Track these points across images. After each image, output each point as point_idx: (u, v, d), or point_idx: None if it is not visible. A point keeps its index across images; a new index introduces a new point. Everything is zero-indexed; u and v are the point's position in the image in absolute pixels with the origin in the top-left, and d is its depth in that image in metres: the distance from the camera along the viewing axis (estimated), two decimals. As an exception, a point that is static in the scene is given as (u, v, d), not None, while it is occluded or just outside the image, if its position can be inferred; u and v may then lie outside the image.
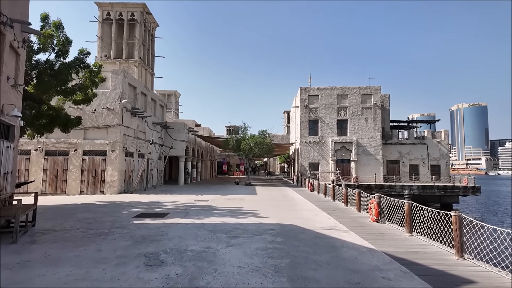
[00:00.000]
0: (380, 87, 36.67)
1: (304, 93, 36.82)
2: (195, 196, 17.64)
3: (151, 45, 31.66)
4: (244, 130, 29.53)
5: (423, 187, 32.78)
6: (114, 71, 19.14)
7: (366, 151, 35.93)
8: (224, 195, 18.53)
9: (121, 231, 7.97)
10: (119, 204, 13.69)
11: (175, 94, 63.97)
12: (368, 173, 35.43)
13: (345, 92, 36.63)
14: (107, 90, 18.98)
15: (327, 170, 35.74)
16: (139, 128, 21.49)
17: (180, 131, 27.65)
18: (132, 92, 21.12)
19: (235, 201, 15.19)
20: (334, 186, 16.39)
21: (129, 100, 20.53)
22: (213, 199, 16.16)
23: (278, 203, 14.92)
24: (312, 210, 12.65)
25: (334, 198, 16.17)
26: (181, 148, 27.54)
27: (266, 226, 9.00)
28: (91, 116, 18.73)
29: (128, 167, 20.05)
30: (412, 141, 38.10)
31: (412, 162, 37.98)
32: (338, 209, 13.09)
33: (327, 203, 15.18)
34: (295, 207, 13.55)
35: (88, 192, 18.30)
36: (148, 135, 23.13)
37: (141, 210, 11.75)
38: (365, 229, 8.85)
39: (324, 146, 36.18)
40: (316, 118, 36.47)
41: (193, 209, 12.29)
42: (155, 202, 14.61)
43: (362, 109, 36.35)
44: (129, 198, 16.24)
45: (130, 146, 20.09)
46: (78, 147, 18.52)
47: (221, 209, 12.44)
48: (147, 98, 23.58)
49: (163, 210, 11.81)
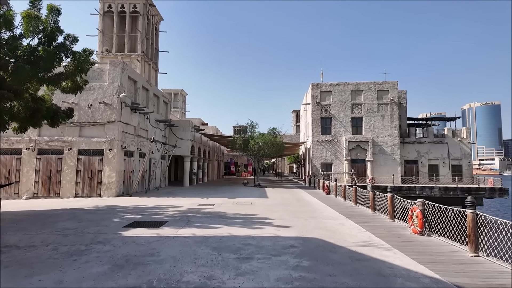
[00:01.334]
0: (397, 82, 34.49)
1: (315, 89, 34.86)
2: (200, 199, 15.92)
3: (155, 39, 30.15)
4: (252, 128, 27.72)
5: (445, 189, 30.54)
6: (112, 62, 17.57)
7: (383, 150, 33.78)
8: (231, 198, 16.77)
9: (101, 249, 6.24)
10: (113, 209, 12.03)
11: (182, 93, 62.57)
12: (385, 174, 33.27)
13: (359, 88, 34.53)
14: (104, 84, 17.41)
15: (340, 171, 33.69)
16: (140, 125, 19.88)
17: (185, 129, 26.02)
18: (132, 86, 19.53)
19: (244, 206, 13.40)
20: (356, 188, 14.47)
21: (129, 95, 18.94)
22: (220, 203, 14.41)
23: (293, 208, 13.07)
24: (335, 217, 10.77)
25: (356, 202, 14.26)
26: (186, 147, 25.90)
27: (285, 240, 7.18)
28: (87, 112, 17.18)
29: (128, 167, 18.45)
30: (432, 139, 35.77)
31: (432, 162, 35.65)
32: (366, 216, 11.19)
33: (349, 208, 13.28)
34: (314, 213, 11.68)
35: (84, 194, 16.74)
36: (151, 133, 21.52)
37: (136, 217, 10.05)
38: (411, 246, 6.96)
39: (337, 145, 34.14)
40: (328, 116, 34.47)
41: (196, 216, 10.54)
42: (154, 206, 12.92)
43: (378, 106, 34.22)
44: (127, 201, 14.60)
45: (129, 145, 18.49)
46: (73, 146, 16.98)
47: (228, 216, 10.66)
48: (149, 93, 21.98)
49: (161, 217, 10.08)
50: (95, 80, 17.62)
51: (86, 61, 10.25)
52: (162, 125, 24.15)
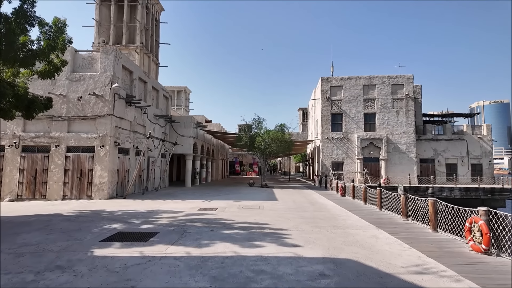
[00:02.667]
0: (412, 76, 32.35)
1: (325, 84, 32.86)
2: (201, 202, 14.10)
3: (155, 30, 28.41)
4: (258, 125, 25.84)
5: (466, 190, 28.39)
6: (104, 49, 15.82)
7: (398, 148, 31.68)
8: (237, 200, 14.93)
9: (55, 280, 4.44)
10: (98, 214, 10.27)
11: (185, 91, 60.97)
12: (400, 173, 31.18)
13: (372, 81, 32.45)
14: (96, 73, 15.68)
15: (352, 170, 31.68)
16: (136, 120, 18.14)
17: (187, 126, 24.25)
18: (127, 77, 17.78)
19: (251, 211, 11.55)
20: (381, 191, 12.54)
21: (124, 87, 17.19)
22: (223, 207, 12.58)
23: (309, 214, 11.19)
24: (363, 227, 8.87)
25: (381, 206, 12.33)
26: (188, 145, 24.13)
27: (310, 264, 5.31)
28: (76, 105, 15.46)
29: (122, 166, 16.71)
30: (449, 137, 33.58)
31: (449, 160, 33.47)
32: (398, 225, 9.27)
33: (374, 214, 11.37)
34: (336, 221, 9.79)
35: (73, 196, 15.03)
36: (149, 129, 19.78)
37: (122, 227, 8.26)
38: (483, 273, 5.05)
39: (349, 143, 32.12)
40: (339, 112, 32.45)
41: (194, 225, 8.72)
42: (148, 211, 11.14)
43: (392, 101, 32.12)
44: (118, 205, 12.85)
45: (124, 141, 16.75)
46: (60, 142, 15.28)
47: (233, 225, 8.82)
48: (147, 86, 20.22)
49: (152, 227, 8.28)
50: (86, 70, 15.91)
51: (60, 31, 8.43)
52: (162, 121, 22.41)
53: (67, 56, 15.45)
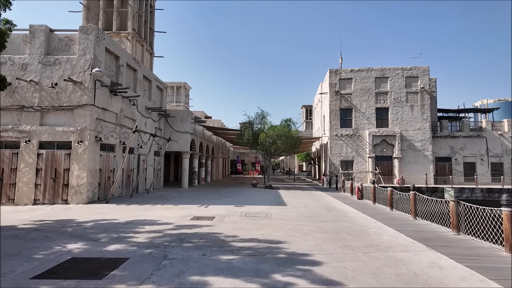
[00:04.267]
0: (428, 68, 29.93)
1: (334, 76, 30.48)
2: (196, 208, 11.83)
3: (150, 17, 26.13)
4: (262, 120, 23.52)
5: (488, 191, 26.02)
6: (83, 28, 13.52)
7: (412, 145, 29.31)
8: (239, 205, 12.64)
9: None
10: (61, 227, 8.01)
11: (185, 87, 58.69)
12: (415, 173, 28.83)
13: (385, 74, 30.06)
14: (73, 56, 13.40)
15: (363, 169, 29.33)
16: (124, 112, 15.87)
17: (184, 121, 21.98)
18: (112, 62, 15.49)
19: (257, 221, 9.26)
20: (416, 195, 10.24)
21: (108, 73, 14.93)
22: (223, 214, 10.30)
23: (330, 225, 8.89)
24: (410, 247, 6.55)
25: (415, 214, 10.04)
26: (184, 142, 21.87)
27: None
28: (50, 93, 13.19)
29: (106, 165, 14.45)
30: (467, 133, 31.15)
31: (467, 159, 31.06)
32: (452, 242, 6.95)
33: (410, 225, 9.06)
34: (368, 237, 7.48)
35: (46, 201, 12.79)
36: (140, 123, 17.53)
37: (79, 249, 6.00)
38: None
39: (359, 140, 29.76)
40: (349, 106, 30.08)
41: (181, 246, 6.44)
42: (126, 223, 8.88)
43: (406, 95, 29.73)
44: (95, 212, 10.59)
45: (108, 136, 14.49)
46: (32, 137, 13.03)
47: (235, 245, 6.53)
48: (138, 75, 17.93)
49: (121, 249, 6.01)
50: (62, 53, 13.64)
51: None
52: (155, 115, 20.14)
53: (39, 35, 13.22)
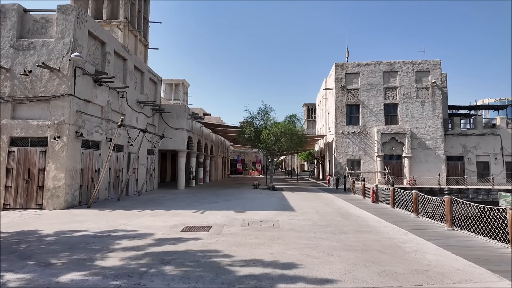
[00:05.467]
0: (439, 62, 28.25)
1: (340, 71, 28.77)
2: (190, 214, 10.14)
3: (144, 7, 24.43)
4: (265, 116, 21.82)
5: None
6: (61, 8, 11.79)
7: (423, 144, 27.63)
8: (240, 211, 10.96)
9: None
10: (15, 241, 6.32)
11: (183, 84, 57.02)
12: (426, 173, 27.16)
13: (394, 68, 28.36)
14: (50, 40, 11.70)
15: (371, 169, 27.64)
16: (111, 105, 14.18)
17: (180, 117, 20.28)
18: (97, 49, 13.78)
19: (262, 234, 7.57)
20: (452, 200, 8.55)
21: (92, 60, 13.23)
22: (220, 223, 8.61)
23: (353, 239, 7.19)
24: (473, 275, 4.86)
25: (451, 224, 8.35)
26: (180, 139, 20.17)
27: None
28: (23, 82, 11.50)
29: (89, 164, 12.76)
30: (481, 131, 29.43)
31: (481, 158, 29.34)
32: (526, 267, 5.26)
33: (451, 238, 7.37)
34: (408, 256, 5.79)
35: (18, 205, 11.10)
36: (130, 119, 15.84)
37: (21, 279, 4.31)
38: None
39: (367, 138, 28.07)
40: (356, 103, 28.38)
41: (163, 274, 4.74)
42: (101, 235, 7.19)
43: (416, 90, 28.03)
44: (69, 220, 8.91)
45: (92, 132, 12.80)
46: (1, 132, 11.34)
47: (234, 272, 4.83)
48: (128, 64, 16.23)
49: (77, 280, 4.32)
50: (38, 35, 11.94)
51: None
52: (148, 110, 18.45)
53: (11, 16, 11.52)
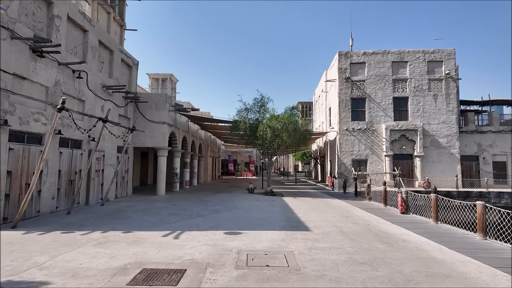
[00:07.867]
0: (454, 51, 25.46)
1: (344, 60, 25.74)
2: (157, 240, 6.79)
3: (120, -19, 20.85)
4: (261, 107, 18.56)
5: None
6: None
7: (436, 142, 24.79)
8: (232, 233, 7.67)
9: None
10: None
11: (171, 79, 53.01)
12: (439, 174, 24.33)
13: (403, 58, 25.46)
14: (-39, -13, 8.21)
15: (379, 170, 24.66)
16: (61, 87, 10.72)
17: (160, 108, 16.88)
18: (40, 9, 10.28)
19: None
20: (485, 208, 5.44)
21: (31, 24, 9.76)
22: (202, 262, 5.29)
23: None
24: None
25: None
26: (161, 135, 16.77)
27: None
28: None
29: (22, 165, 9.29)
30: (497, 128, 26.77)
31: (497, 158, 26.68)
32: None
33: None
34: None
35: None
36: (93, 107, 12.38)
37: None
38: None
39: (374, 135, 25.09)
40: (362, 96, 25.38)
41: None
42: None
43: (428, 82, 25.19)
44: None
45: (29, 120, 9.34)
46: None
47: None
48: (89, 38, 12.76)
49: None
50: None
51: None
52: (119, 98, 15.00)
53: None
